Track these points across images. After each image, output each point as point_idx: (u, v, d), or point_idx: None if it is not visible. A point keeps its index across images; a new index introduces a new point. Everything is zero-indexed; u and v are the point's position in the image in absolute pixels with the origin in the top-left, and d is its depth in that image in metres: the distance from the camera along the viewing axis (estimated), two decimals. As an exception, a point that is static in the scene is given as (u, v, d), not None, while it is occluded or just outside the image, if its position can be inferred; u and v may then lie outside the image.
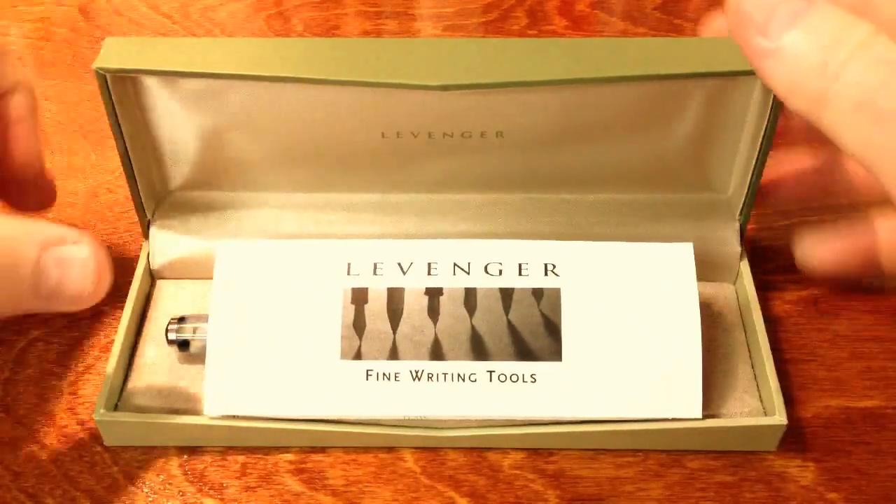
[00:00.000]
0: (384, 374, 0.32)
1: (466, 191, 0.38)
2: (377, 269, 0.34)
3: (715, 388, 0.34)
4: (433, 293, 0.33)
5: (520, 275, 0.33)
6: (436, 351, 0.33)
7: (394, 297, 0.33)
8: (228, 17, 0.55)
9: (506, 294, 0.33)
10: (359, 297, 0.33)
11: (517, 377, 0.32)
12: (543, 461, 0.33)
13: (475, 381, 0.32)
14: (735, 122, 0.34)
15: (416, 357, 0.33)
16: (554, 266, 0.34)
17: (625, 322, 0.33)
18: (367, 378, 0.32)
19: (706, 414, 0.33)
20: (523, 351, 0.32)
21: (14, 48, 0.53)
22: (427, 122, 0.34)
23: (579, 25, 0.54)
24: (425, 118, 0.34)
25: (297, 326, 0.33)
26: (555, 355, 0.32)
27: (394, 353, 0.33)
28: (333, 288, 0.33)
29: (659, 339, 0.33)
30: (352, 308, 0.33)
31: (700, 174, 0.37)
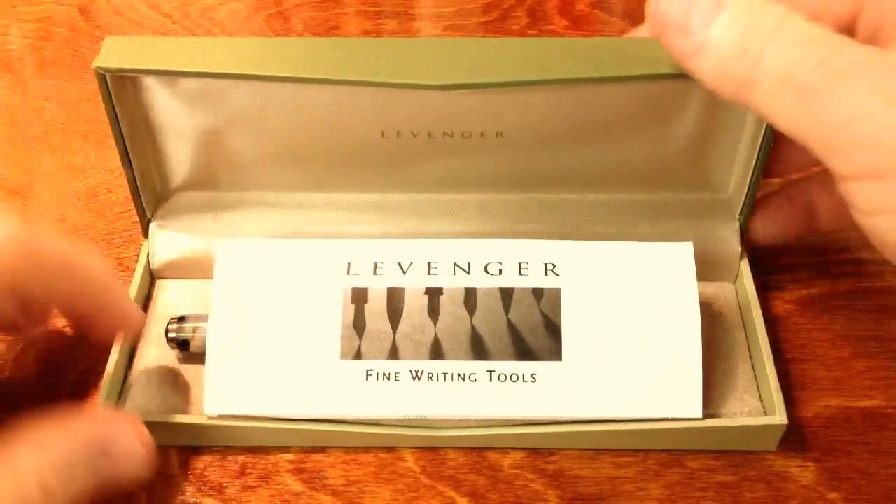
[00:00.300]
0: (384, 374, 0.32)
1: (466, 190, 0.38)
2: (377, 269, 0.34)
3: (715, 388, 0.34)
4: (433, 293, 0.33)
5: (520, 274, 0.33)
6: (436, 351, 0.33)
7: (394, 297, 0.33)
8: (228, 17, 0.55)
9: (506, 294, 0.33)
10: (359, 297, 0.33)
11: (517, 377, 0.32)
12: (543, 461, 0.33)
13: (475, 381, 0.32)
14: (735, 122, 0.34)
15: (416, 357, 0.32)
16: (554, 266, 0.34)
17: (625, 321, 0.33)
18: (367, 378, 0.32)
19: (706, 413, 0.32)
20: (523, 351, 0.32)
21: (15, 48, 0.53)
22: (427, 122, 0.34)
23: (579, 25, 0.54)
24: (425, 118, 0.34)
25: (297, 326, 0.33)
26: (555, 355, 0.32)
27: (394, 353, 0.32)
28: (333, 287, 0.33)
29: (659, 339, 0.33)
30: (352, 308, 0.33)
31: (700, 174, 0.37)
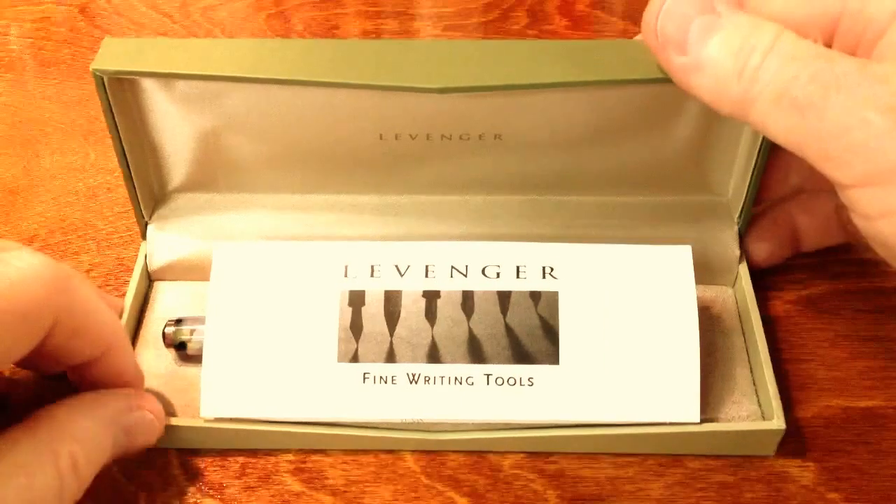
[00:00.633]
0: (381, 377, 0.32)
1: (464, 193, 0.37)
2: (374, 272, 0.34)
3: (713, 392, 0.34)
4: (430, 296, 0.33)
5: (517, 277, 0.33)
6: (433, 354, 0.32)
7: (391, 300, 0.33)
8: (228, 17, 0.55)
9: (503, 297, 0.33)
10: (356, 300, 0.33)
11: (514, 381, 0.32)
12: (543, 461, 0.33)
13: (472, 385, 0.32)
14: (734, 125, 0.34)
15: (414, 360, 0.32)
16: (552, 269, 0.33)
17: (623, 325, 0.33)
18: (364, 381, 0.32)
19: (704, 418, 0.32)
20: (521, 354, 0.32)
21: (15, 48, 0.53)
22: (425, 125, 0.34)
23: (579, 25, 0.54)
24: (423, 121, 0.34)
25: (294, 329, 0.33)
26: (552, 358, 0.32)
27: (391, 356, 0.32)
28: (330, 290, 0.33)
29: (657, 343, 0.32)
30: (349, 310, 0.33)
31: (699, 177, 0.37)
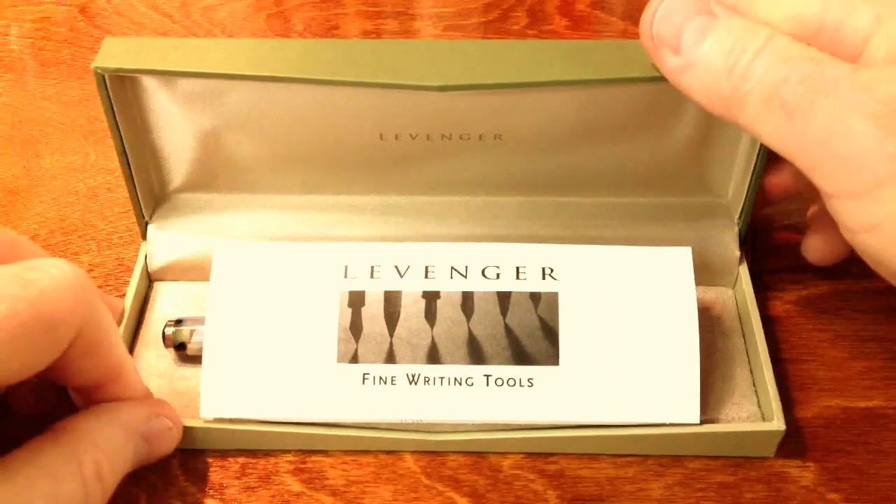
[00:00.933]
0: (381, 378, 0.32)
1: (464, 193, 0.37)
2: (374, 272, 0.34)
3: (713, 393, 0.34)
4: (430, 296, 0.33)
5: (517, 278, 0.33)
6: (433, 355, 0.32)
7: (391, 301, 0.33)
8: (228, 17, 0.55)
9: (503, 298, 0.33)
10: (356, 300, 0.33)
11: (514, 381, 0.32)
12: (543, 461, 0.33)
13: (472, 386, 0.32)
14: (734, 125, 0.34)
15: (413, 361, 0.32)
16: (552, 270, 0.33)
17: (623, 326, 0.33)
18: (364, 381, 0.32)
19: (704, 419, 0.32)
20: (521, 355, 0.32)
21: (15, 48, 0.53)
22: (425, 124, 0.34)
23: (579, 25, 0.54)
24: (424, 120, 0.34)
25: (294, 329, 0.33)
26: (552, 359, 0.32)
27: (391, 357, 0.32)
28: (330, 290, 0.33)
29: (657, 344, 0.32)
30: (348, 311, 0.33)
31: (699, 177, 0.37)
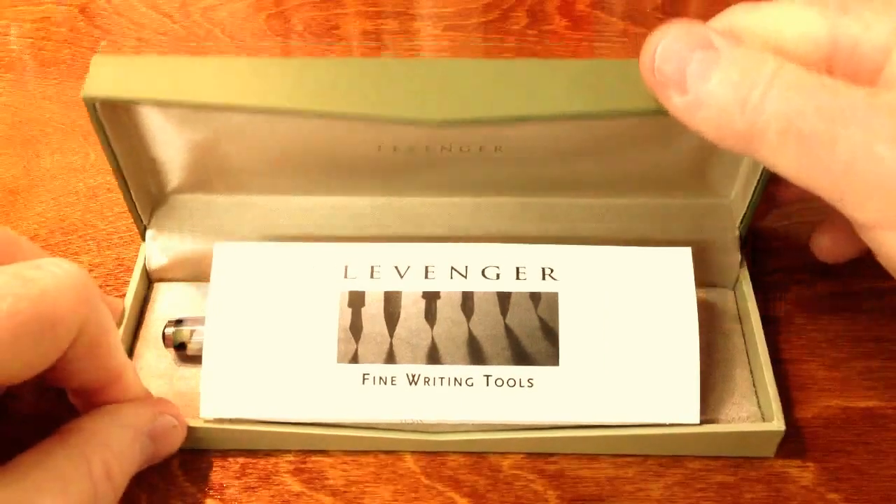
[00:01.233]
0: (381, 378, 0.32)
1: (464, 194, 0.37)
2: (374, 273, 0.34)
3: (713, 394, 0.34)
4: (430, 297, 0.33)
5: (517, 279, 0.33)
6: (433, 355, 0.32)
7: (391, 301, 0.33)
8: (228, 17, 0.55)
9: (503, 298, 0.33)
10: (356, 301, 0.33)
11: (514, 382, 0.32)
12: (543, 461, 0.33)
13: (472, 386, 0.32)
14: None
15: (413, 361, 0.32)
16: (552, 270, 0.33)
17: (622, 326, 0.33)
18: (364, 382, 0.32)
19: (704, 419, 0.32)
20: (520, 355, 0.32)
21: (15, 48, 0.53)
22: (425, 139, 0.33)
23: (579, 25, 0.54)
24: (423, 135, 0.33)
25: (294, 329, 0.33)
26: (552, 360, 0.32)
27: (390, 357, 0.32)
28: (330, 291, 0.33)
29: (657, 344, 0.32)
30: (349, 311, 0.33)
31: (702, 179, 0.37)
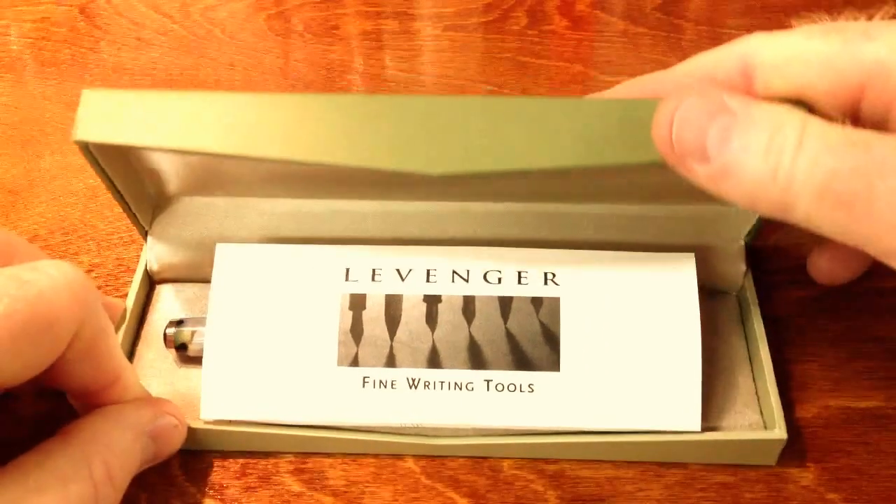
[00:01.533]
0: (381, 382, 0.32)
1: (467, 198, 0.37)
2: (376, 275, 0.34)
3: (715, 401, 0.34)
4: (431, 300, 0.33)
5: (519, 283, 0.33)
6: (433, 359, 0.32)
7: (392, 304, 0.33)
8: (229, 17, 0.55)
9: (504, 302, 0.33)
10: (357, 303, 0.33)
11: (515, 387, 0.32)
12: (544, 462, 0.33)
13: (472, 390, 0.32)
14: None
15: (414, 364, 0.32)
16: (554, 275, 0.33)
17: (624, 332, 0.33)
18: (364, 385, 0.32)
19: (705, 426, 0.32)
20: (521, 360, 0.32)
21: (15, 48, 0.53)
22: None
23: (579, 25, 0.54)
24: None
25: (295, 331, 0.33)
26: (553, 365, 0.32)
27: (391, 361, 0.32)
28: (331, 293, 0.33)
29: (659, 350, 0.32)
30: (349, 314, 0.33)
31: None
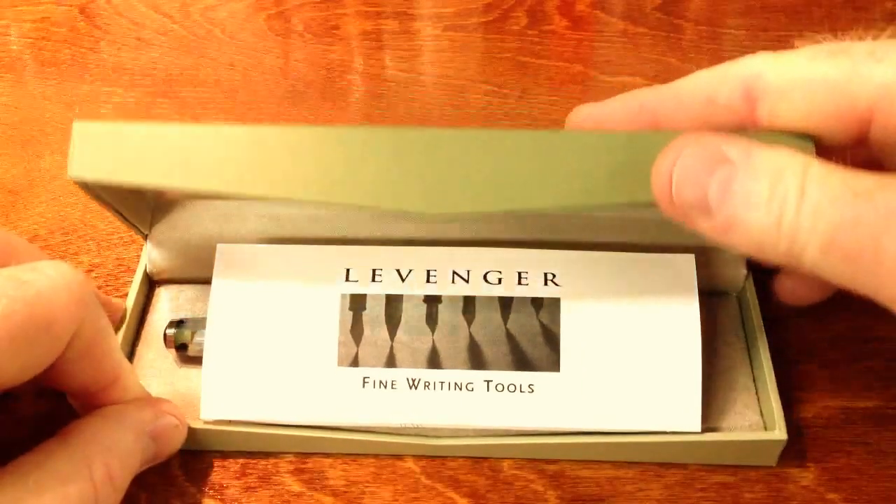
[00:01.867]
0: (381, 382, 0.32)
1: (465, 221, 0.37)
2: (376, 276, 0.34)
3: (715, 402, 0.34)
4: (432, 300, 0.33)
5: (519, 284, 0.33)
6: (433, 359, 0.32)
7: (392, 304, 0.33)
8: (228, 17, 0.55)
9: (505, 303, 0.33)
10: (357, 304, 0.33)
11: (515, 387, 0.32)
12: (544, 461, 0.33)
13: (472, 391, 0.32)
14: None
15: (414, 365, 0.32)
16: (554, 275, 0.33)
17: (624, 333, 0.33)
18: (364, 385, 0.32)
19: (705, 427, 0.32)
20: (521, 361, 0.32)
21: (15, 48, 0.53)
22: None
23: (579, 25, 0.54)
24: None
25: (295, 332, 0.33)
26: (553, 365, 0.32)
27: (391, 361, 0.32)
28: (331, 293, 0.33)
29: (659, 351, 0.32)
30: (349, 314, 0.33)
31: None
